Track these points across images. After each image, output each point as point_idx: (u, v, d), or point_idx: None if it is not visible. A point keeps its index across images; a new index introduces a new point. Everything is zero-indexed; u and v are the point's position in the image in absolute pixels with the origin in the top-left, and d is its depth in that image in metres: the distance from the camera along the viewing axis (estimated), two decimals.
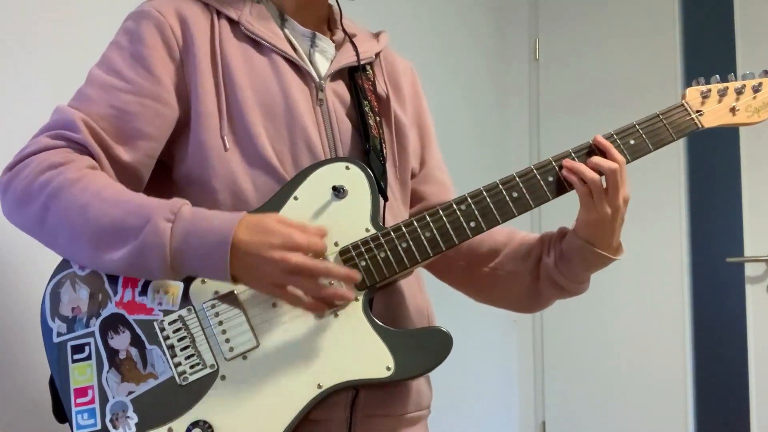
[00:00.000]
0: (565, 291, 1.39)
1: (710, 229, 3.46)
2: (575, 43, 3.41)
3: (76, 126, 1.20)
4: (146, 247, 1.12)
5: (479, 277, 1.45)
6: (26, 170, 1.18)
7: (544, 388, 3.34)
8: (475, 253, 1.45)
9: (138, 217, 1.13)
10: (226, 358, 1.15)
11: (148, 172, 1.26)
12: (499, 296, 1.48)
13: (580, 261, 1.34)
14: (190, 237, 1.12)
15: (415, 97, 1.49)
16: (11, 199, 1.19)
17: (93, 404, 1.14)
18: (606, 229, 1.30)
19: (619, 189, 1.28)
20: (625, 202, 1.30)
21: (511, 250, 1.44)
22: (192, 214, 1.14)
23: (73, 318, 1.17)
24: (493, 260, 1.44)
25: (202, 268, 1.13)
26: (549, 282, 1.39)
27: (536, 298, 1.43)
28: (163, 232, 1.11)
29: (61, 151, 1.19)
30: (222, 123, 1.25)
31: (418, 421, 1.35)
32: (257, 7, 1.33)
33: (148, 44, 1.24)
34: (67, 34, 1.76)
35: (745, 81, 1.41)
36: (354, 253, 1.21)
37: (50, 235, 1.18)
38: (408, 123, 1.42)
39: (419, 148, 1.47)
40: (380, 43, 1.43)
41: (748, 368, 2.90)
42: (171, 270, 1.13)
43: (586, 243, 1.32)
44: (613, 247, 1.33)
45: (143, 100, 1.23)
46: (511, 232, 1.46)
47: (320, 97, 1.31)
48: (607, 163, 1.28)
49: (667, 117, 1.36)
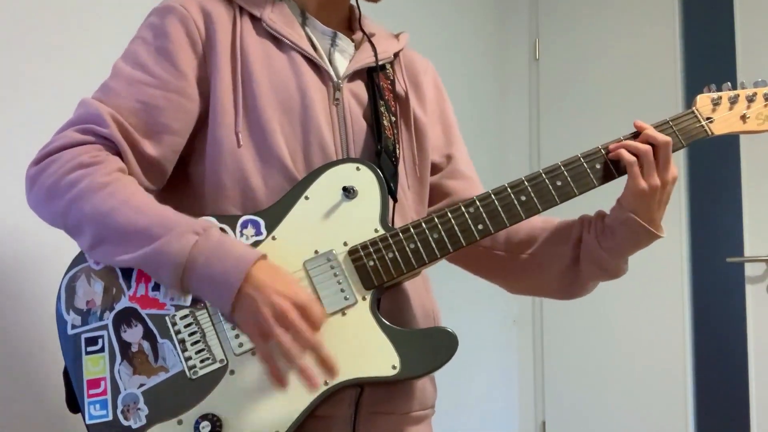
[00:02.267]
0: (605, 271, 1.38)
1: (710, 229, 3.46)
2: (575, 43, 3.42)
3: (103, 120, 1.20)
4: (163, 252, 1.12)
5: (518, 265, 1.45)
6: (54, 166, 1.19)
7: (544, 388, 3.35)
8: (512, 241, 1.45)
9: (164, 228, 1.14)
10: (236, 354, 1.17)
11: (171, 166, 1.27)
12: (538, 283, 1.48)
13: (625, 234, 1.33)
14: (211, 258, 1.12)
15: (437, 95, 1.50)
16: (38, 194, 1.20)
17: (105, 395, 1.16)
18: (653, 202, 1.31)
19: (669, 162, 1.30)
20: (673, 180, 1.32)
21: (549, 234, 1.43)
22: (219, 238, 1.14)
23: (87, 311, 1.19)
24: (531, 246, 1.44)
25: (210, 289, 1.13)
26: (589, 261, 1.38)
27: (576, 281, 1.42)
28: (185, 243, 1.12)
29: (90, 149, 1.20)
30: (237, 119, 1.26)
31: (423, 420, 1.36)
32: (279, 5, 1.34)
33: (173, 39, 1.26)
34: (88, 29, 1.77)
35: (757, 89, 1.40)
36: (363, 253, 1.23)
37: (75, 233, 1.19)
38: (428, 121, 1.43)
39: (444, 144, 1.48)
40: (400, 43, 1.44)
41: (748, 368, 2.90)
42: (180, 282, 1.13)
43: (632, 214, 1.31)
44: (656, 223, 1.34)
45: (169, 94, 1.24)
46: (548, 219, 1.45)
47: (336, 97, 1.32)
48: (660, 135, 1.31)
49: (677, 123, 1.36)
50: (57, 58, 1.73)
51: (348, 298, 1.21)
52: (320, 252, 1.23)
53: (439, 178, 1.47)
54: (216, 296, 1.13)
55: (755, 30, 3.00)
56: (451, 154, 1.49)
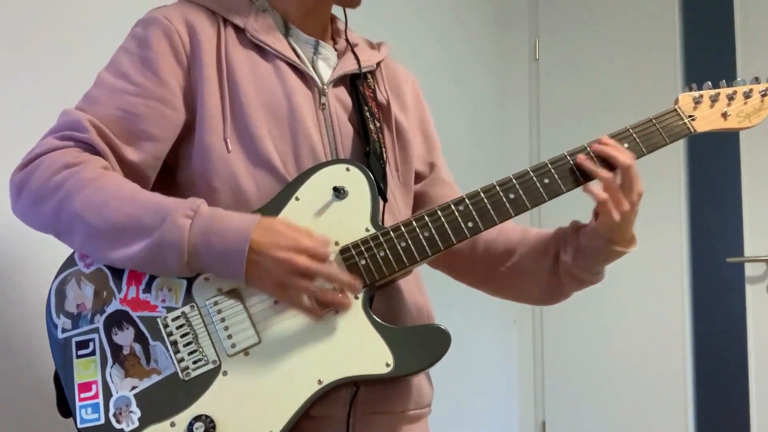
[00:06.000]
0: (585, 282, 1.41)
1: (710, 229, 3.46)
2: (575, 43, 3.42)
3: (83, 126, 1.22)
4: (165, 242, 1.14)
5: (498, 277, 1.47)
6: (38, 171, 1.20)
7: (544, 388, 3.35)
8: (491, 253, 1.47)
9: (155, 215, 1.15)
10: (228, 354, 1.17)
11: (153, 173, 1.28)
12: (519, 293, 1.51)
13: (601, 257, 1.37)
14: (209, 235, 1.15)
15: (418, 105, 1.52)
16: (26, 199, 1.21)
17: (97, 399, 1.16)
18: (626, 226, 1.33)
19: (634, 182, 1.31)
20: (639, 196, 1.32)
21: (526, 248, 1.45)
22: (210, 213, 1.17)
23: (78, 314, 1.19)
24: (510, 259, 1.46)
25: (219, 265, 1.16)
26: (569, 277, 1.41)
27: (556, 291, 1.45)
28: (182, 228, 1.14)
29: (72, 151, 1.21)
30: (225, 125, 1.27)
31: (419, 419, 1.36)
32: (262, 15, 1.36)
33: (156, 49, 1.27)
34: (73, 38, 1.77)
35: (737, 87, 1.43)
36: (354, 252, 1.23)
37: (66, 233, 1.20)
38: (410, 128, 1.45)
39: (425, 153, 1.50)
40: (381, 53, 1.46)
41: (748, 368, 2.90)
42: (187, 266, 1.16)
43: (607, 243, 1.34)
44: (627, 241, 1.36)
45: (149, 102, 1.25)
46: (525, 231, 1.48)
47: (323, 102, 1.34)
48: (623, 157, 1.30)
49: (660, 121, 1.38)
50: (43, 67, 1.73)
51: None
52: None
53: (423, 186, 1.49)
54: (225, 272, 1.17)
55: (755, 30, 3.00)
56: (434, 163, 1.51)
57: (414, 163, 1.45)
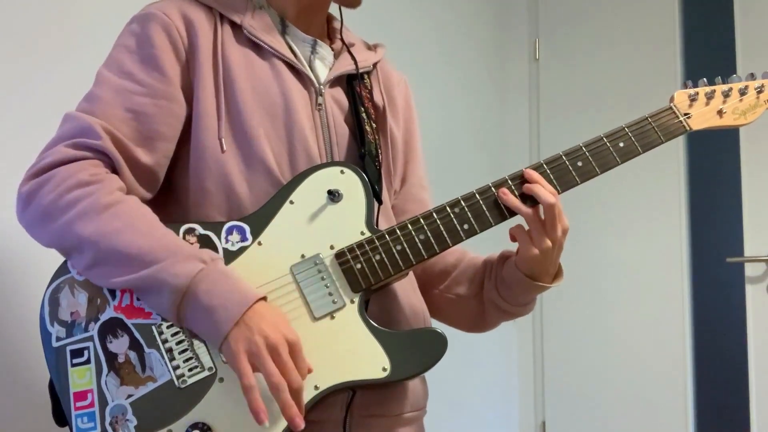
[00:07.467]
0: (509, 314, 1.40)
1: (710, 229, 3.45)
2: (575, 43, 3.42)
3: (95, 132, 1.19)
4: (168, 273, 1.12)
5: (431, 299, 1.45)
6: (50, 184, 1.17)
7: (544, 388, 3.35)
8: (428, 274, 1.46)
9: (167, 251, 1.13)
10: (224, 361, 1.16)
11: (164, 172, 1.27)
12: (450, 318, 1.48)
13: (521, 290, 1.35)
14: (215, 287, 1.12)
15: (406, 111, 1.50)
16: (34, 212, 1.18)
17: (92, 408, 1.15)
18: (546, 262, 1.30)
19: (556, 220, 1.28)
20: (564, 232, 1.29)
21: (458, 273, 1.44)
22: (225, 269, 1.15)
23: (72, 322, 1.17)
24: (443, 282, 1.45)
25: (208, 313, 1.12)
26: (492, 306, 1.40)
27: (483, 320, 1.44)
28: (191, 268, 1.12)
29: (87, 166, 1.18)
30: (220, 124, 1.26)
31: (414, 421, 1.36)
32: (259, 12, 1.34)
33: (158, 45, 1.25)
34: (74, 39, 1.77)
35: (732, 84, 1.43)
36: (350, 256, 1.23)
37: (71, 253, 1.17)
38: (399, 137, 1.44)
39: (403, 165, 1.47)
40: (377, 54, 1.45)
41: (748, 368, 2.90)
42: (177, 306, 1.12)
43: (526, 276, 1.32)
44: (551, 275, 1.34)
45: (158, 101, 1.24)
46: (462, 254, 1.46)
47: (319, 102, 1.33)
48: (545, 196, 1.26)
49: (655, 120, 1.37)
50: (53, 64, 1.73)
51: (336, 302, 1.21)
52: (307, 256, 1.22)
53: (393, 200, 1.46)
54: (210, 324, 1.12)
55: (755, 29, 3.00)
56: (405, 176, 1.48)
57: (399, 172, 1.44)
